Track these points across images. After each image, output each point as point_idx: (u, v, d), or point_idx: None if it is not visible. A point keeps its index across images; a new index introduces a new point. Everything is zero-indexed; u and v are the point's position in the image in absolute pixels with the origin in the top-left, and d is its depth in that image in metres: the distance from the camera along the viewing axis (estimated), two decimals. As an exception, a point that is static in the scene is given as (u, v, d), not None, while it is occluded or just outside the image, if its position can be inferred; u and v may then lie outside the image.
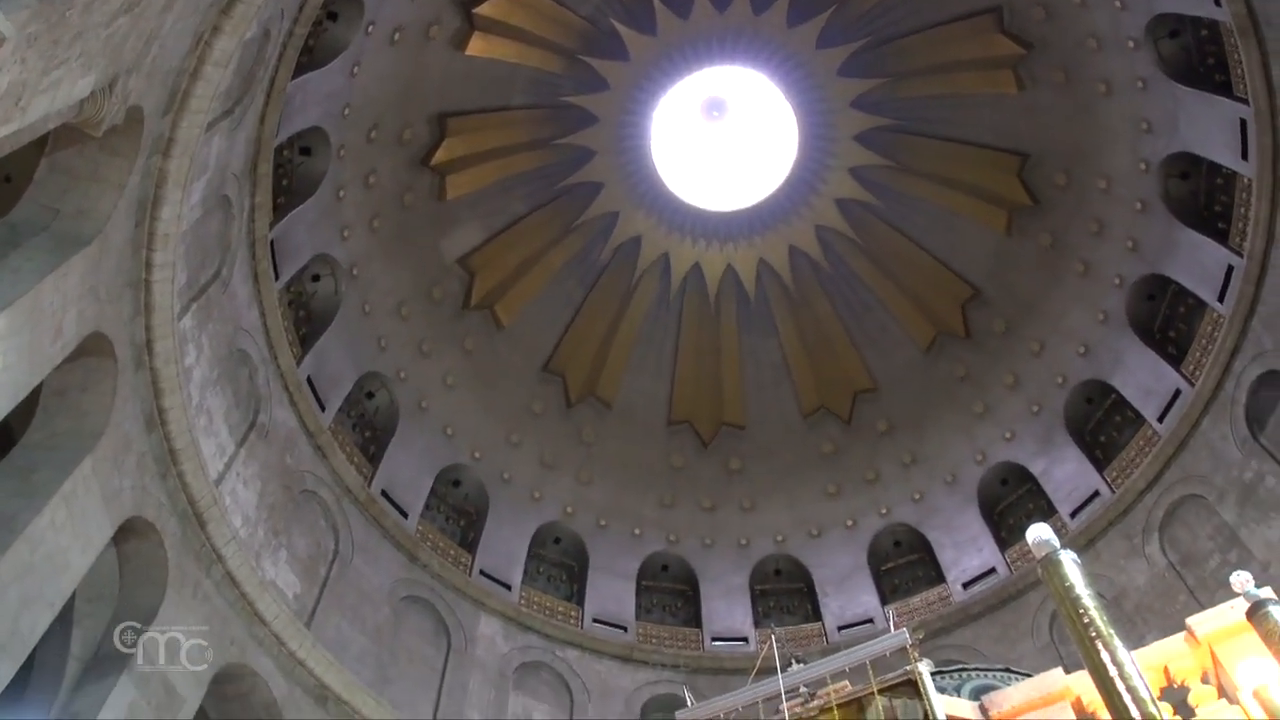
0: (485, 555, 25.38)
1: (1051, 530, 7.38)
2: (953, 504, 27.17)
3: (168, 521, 16.33)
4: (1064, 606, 6.67)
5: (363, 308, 24.43)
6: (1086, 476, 24.51)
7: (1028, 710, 8.67)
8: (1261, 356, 20.59)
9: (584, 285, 28.78)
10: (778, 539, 28.48)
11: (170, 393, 16.27)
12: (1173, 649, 8.60)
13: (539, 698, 23.87)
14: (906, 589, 26.95)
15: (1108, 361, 24.86)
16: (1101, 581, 20.93)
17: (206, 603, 17.06)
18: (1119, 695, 5.93)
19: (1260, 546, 19.70)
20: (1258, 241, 20.26)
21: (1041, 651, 21.92)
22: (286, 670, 18.55)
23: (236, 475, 18.84)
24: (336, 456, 22.56)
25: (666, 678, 24.87)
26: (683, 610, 27.80)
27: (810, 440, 29.26)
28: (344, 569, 21.63)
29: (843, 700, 8.70)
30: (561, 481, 27.93)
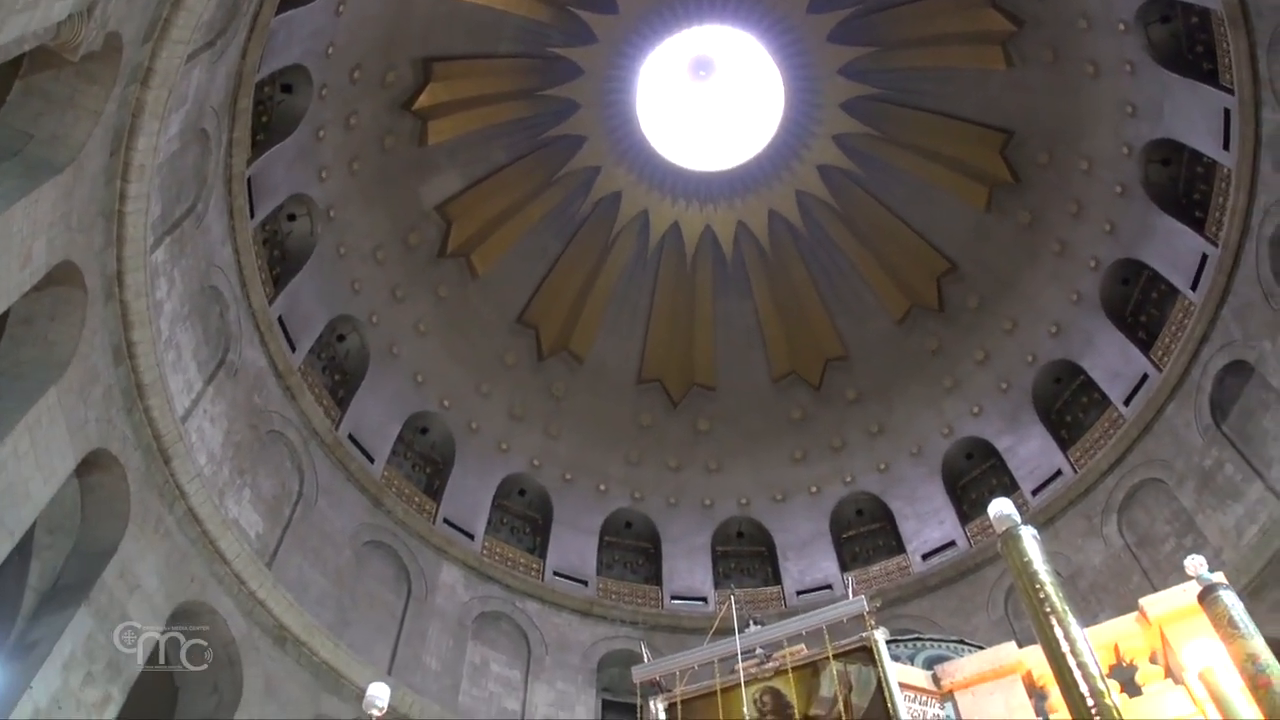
0: (449, 504, 25.42)
1: (1013, 506, 7.44)
2: (917, 475, 27.43)
3: (132, 456, 16.21)
4: (1021, 581, 6.75)
5: (338, 250, 24.23)
6: (1050, 455, 24.81)
7: (979, 681, 8.82)
8: (1229, 346, 20.80)
9: (561, 239, 28.64)
10: (742, 501, 28.68)
11: (140, 326, 16.09)
12: (1124, 628, 8.75)
13: (497, 648, 24.02)
14: (866, 557, 27.27)
15: (1078, 343, 25.07)
16: (1059, 559, 21.25)
17: (168, 539, 16.99)
18: (1069, 670, 6.02)
19: (1215, 533, 20.03)
20: (1233, 232, 20.39)
21: (995, 625, 22.27)
22: (246, 610, 18.55)
23: (203, 412, 18.72)
24: (305, 398, 22.46)
25: (625, 634, 25.09)
26: (644, 568, 27.99)
27: (779, 405, 29.40)
28: (308, 511, 21.60)
29: (798, 663, 8.80)
30: (529, 434, 27.95)
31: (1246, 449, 20.12)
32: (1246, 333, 20.34)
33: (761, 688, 8.78)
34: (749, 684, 8.73)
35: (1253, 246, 20.01)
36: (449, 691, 22.10)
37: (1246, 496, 19.71)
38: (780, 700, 8.69)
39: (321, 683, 19.49)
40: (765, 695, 8.75)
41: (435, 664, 22.42)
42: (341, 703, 19.16)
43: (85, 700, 14.45)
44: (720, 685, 8.73)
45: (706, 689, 8.81)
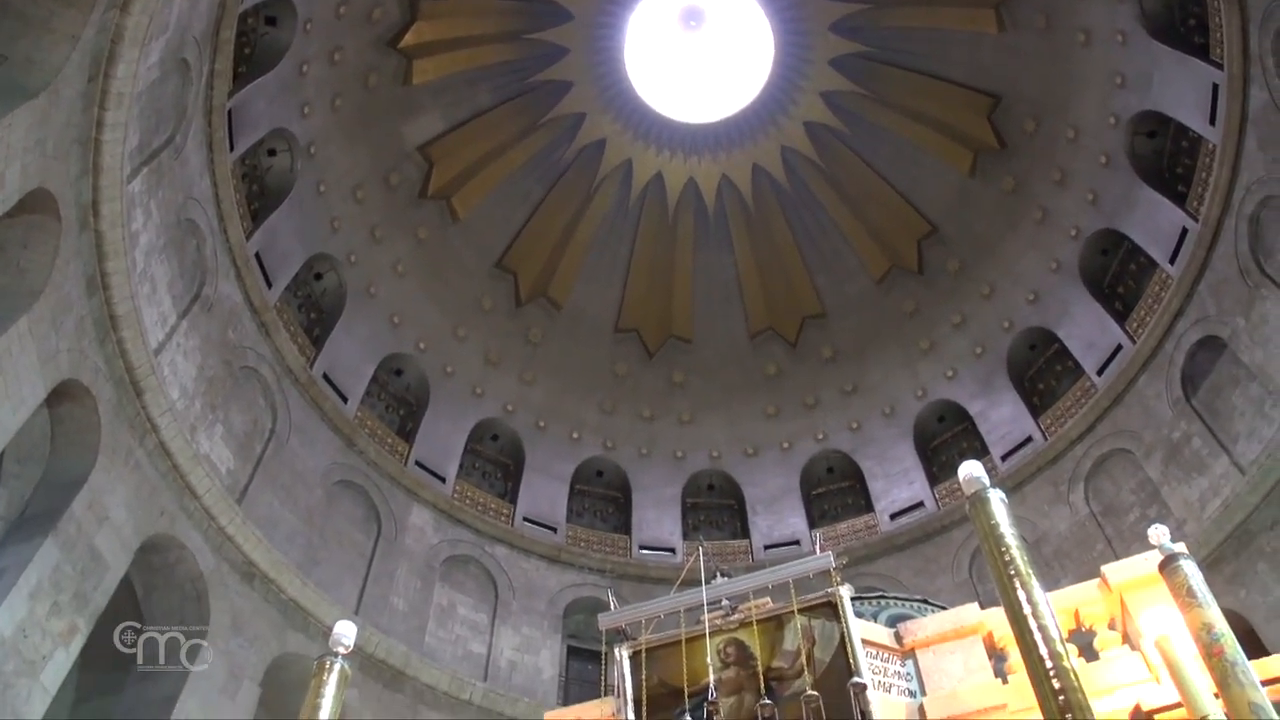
0: (422, 446, 25.43)
1: (983, 469, 7.50)
2: (888, 436, 27.62)
3: (103, 387, 16.09)
4: (987, 543, 6.82)
5: (318, 187, 23.97)
6: (1021, 421, 25.02)
7: (940, 641, 8.93)
8: (1204, 321, 20.95)
9: (543, 185, 28.42)
10: (713, 454, 28.82)
11: (114, 257, 15.91)
12: (1085, 594, 8.87)
13: (465, 591, 24.16)
14: (835, 515, 27.52)
15: (1055, 311, 25.20)
16: (1025, 524, 21.48)
17: (137, 471, 16.93)
18: (1030, 633, 6.11)
19: (1179, 505, 20.31)
20: (1214, 208, 20.46)
21: (959, 587, 22.56)
22: (215, 545, 18.56)
23: (177, 346, 18.59)
24: (280, 335, 22.33)
25: (592, 581, 25.28)
26: (613, 517, 28.15)
27: (755, 360, 29.48)
28: (279, 449, 21.56)
29: (763, 616, 8.87)
30: (504, 379, 27.93)
31: (1214, 424, 20.35)
32: (1221, 308, 20.48)
33: (726, 639, 8.85)
34: (714, 635, 8.80)
35: (1232, 223, 20.10)
36: (415, 633, 22.23)
37: (1212, 470, 19.97)
38: (744, 652, 8.77)
39: (288, 620, 19.57)
40: (729, 647, 8.83)
41: (402, 605, 22.53)
42: (308, 640, 19.25)
43: (51, 630, 14.46)
44: (685, 635, 8.79)
45: (671, 638, 8.87)
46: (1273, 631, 16.97)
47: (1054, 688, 5.77)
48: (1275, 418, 18.77)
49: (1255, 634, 16.95)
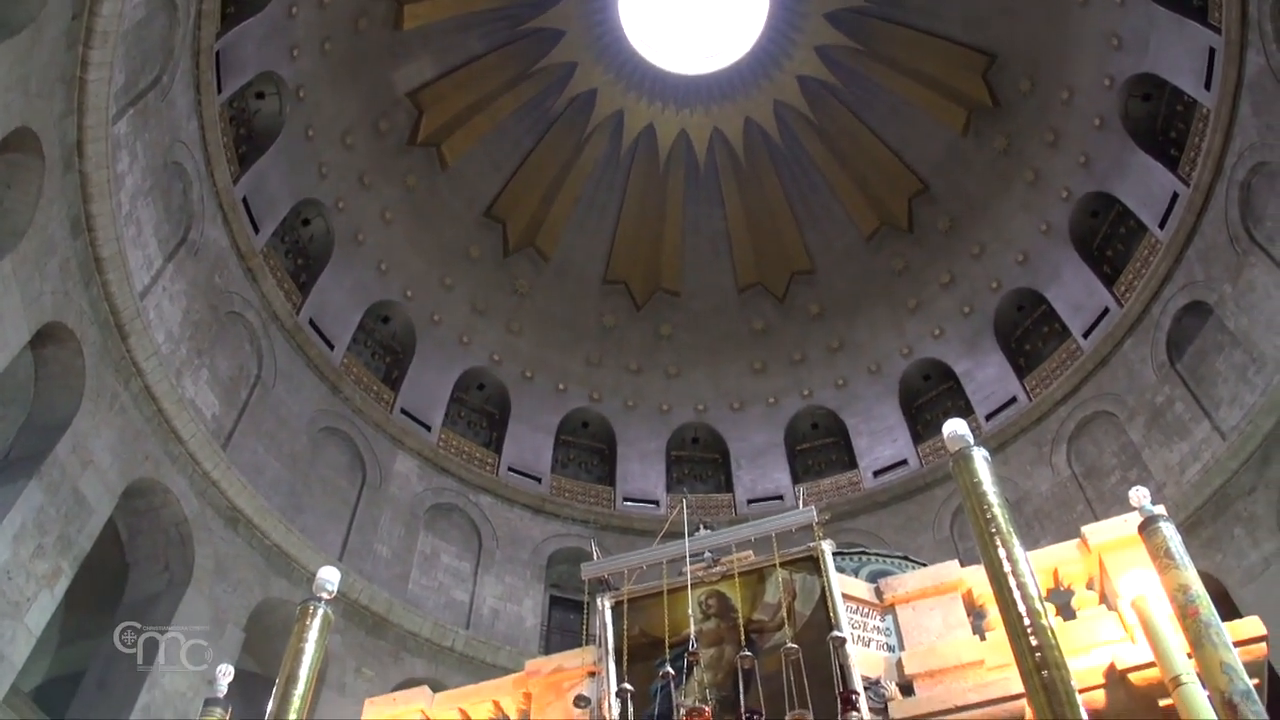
0: (408, 394, 25.43)
1: (967, 427, 7.52)
2: (873, 393, 27.71)
3: (88, 330, 16.00)
4: (969, 501, 6.85)
5: (306, 132, 23.72)
6: (1006, 382, 25.12)
7: (920, 597, 9.00)
8: (1190, 286, 21.01)
9: (534, 134, 28.19)
10: (699, 408, 28.89)
11: (99, 198, 15.76)
12: (1065, 554, 8.94)
13: (448, 539, 24.27)
14: (818, 471, 27.66)
15: (1044, 272, 25.21)
16: (1007, 485, 21.62)
17: (122, 415, 16.88)
18: (1009, 590, 6.16)
19: (1160, 468, 20.48)
20: (1205, 173, 20.43)
21: (940, 545, 22.74)
22: (199, 490, 18.57)
23: (162, 290, 18.48)
24: (266, 281, 22.22)
25: (575, 532, 25.41)
26: (598, 468, 28.25)
27: (742, 315, 29.47)
28: (265, 394, 21.53)
29: (745, 569, 8.92)
30: (491, 329, 27.87)
31: (1198, 389, 20.47)
32: (1209, 274, 20.53)
33: (708, 591, 8.91)
34: (695, 587, 8.85)
35: (1223, 189, 20.08)
36: (399, 580, 22.35)
37: (1193, 435, 20.12)
38: (725, 604, 8.83)
39: (272, 565, 19.64)
40: (711, 599, 8.89)
41: (386, 552, 22.64)
42: (291, 586, 19.33)
43: (35, 572, 14.48)
44: (667, 586, 8.84)
45: (654, 589, 8.92)
46: (1246, 595, 17.18)
47: (1031, 645, 5.83)
48: (1258, 384, 18.88)
49: (1229, 597, 17.17)
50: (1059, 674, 5.67)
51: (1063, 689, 5.60)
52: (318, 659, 7.21)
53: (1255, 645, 7.55)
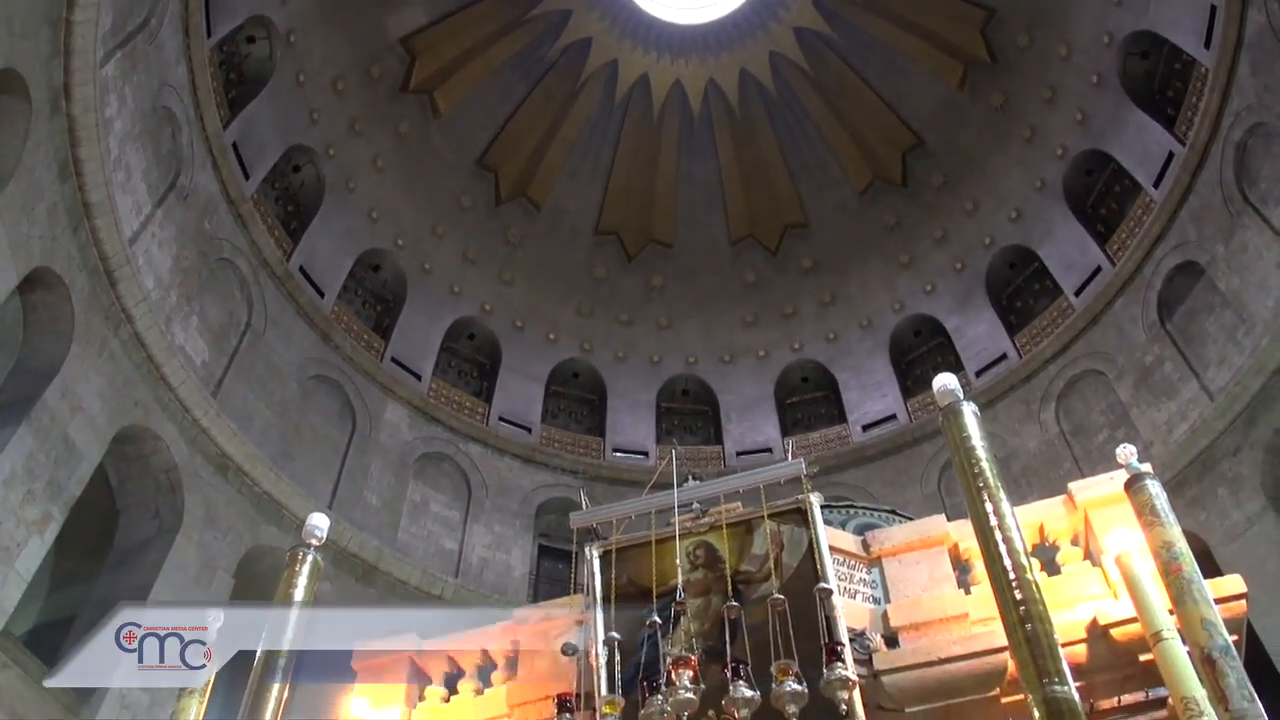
0: (398, 343, 25.40)
1: (958, 381, 7.52)
2: (864, 348, 27.75)
3: (76, 276, 15.91)
4: (958, 455, 6.88)
5: (297, 77, 23.45)
6: (997, 339, 25.18)
7: (907, 550, 9.06)
8: (1183, 247, 21.01)
9: (527, 83, 27.88)
10: (689, 360, 28.92)
11: (87, 143, 15.60)
12: (1051, 510, 9.00)
13: (438, 488, 24.36)
14: (808, 424, 27.76)
15: (1037, 230, 25.17)
16: (995, 441, 21.47)
17: (112, 361, 16.83)
18: (995, 544, 6.20)
19: (1147, 427, 20.61)
20: (1202, 133, 20.36)
21: (927, 500, 22.89)
22: (189, 437, 18.56)
23: (152, 236, 18.35)
24: (257, 227, 22.09)
25: (565, 482, 25.51)
26: (588, 419, 28.31)
27: (734, 267, 29.39)
28: (255, 342, 21.48)
29: (733, 520, 8.94)
30: (482, 278, 27.77)
31: (1187, 349, 20.56)
32: (1202, 234, 20.52)
33: (696, 541, 8.94)
34: (684, 537, 8.88)
35: (1219, 149, 20.02)
36: (388, 528, 22.45)
37: (1181, 395, 20.24)
38: (713, 555, 8.87)
39: (262, 512, 19.70)
40: (699, 549, 8.92)
41: (376, 500, 22.72)
42: (281, 533, 19.39)
43: (25, 518, 14.50)
44: (655, 537, 8.88)
45: (642, 539, 8.95)
46: (1228, 554, 17.38)
47: (1015, 598, 5.88)
48: (1247, 345, 18.96)
49: (1211, 555, 17.35)
50: (1042, 627, 5.73)
51: (1046, 642, 5.67)
52: (307, 604, 7.24)
53: (1235, 603, 7.63)
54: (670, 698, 6.75)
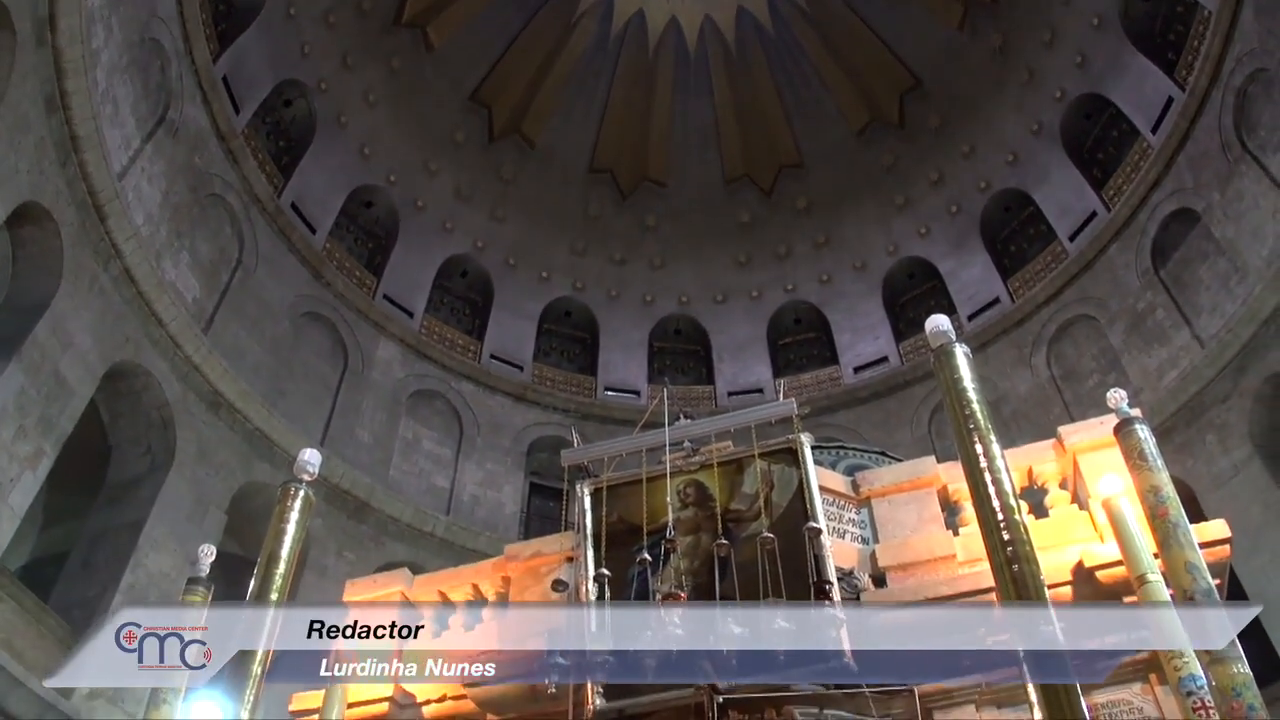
0: (390, 280, 25.31)
1: (950, 323, 7.51)
2: (857, 290, 27.71)
3: (65, 210, 15.77)
4: (949, 396, 6.89)
5: (287, 9, 23.04)
6: (990, 283, 25.16)
7: (896, 491, 9.11)
8: (1179, 193, 20.94)
9: (521, 16, 27.45)
10: (682, 299, 28.86)
11: (74, 75, 15.39)
12: (1040, 454, 9.04)
13: (430, 426, 24.41)
14: (800, 365, 27.79)
15: (1033, 174, 25.03)
16: (986, 384, 21.51)
17: (102, 297, 16.75)
18: (984, 485, 6.23)
19: (1138, 373, 20.68)
20: (1202, 78, 20.19)
21: (917, 442, 22.96)
22: (181, 373, 18.52)
23: (141, 171, 18.18)
24: (248, 163, 21.89)
25: (556, 420, 25.56)
26: (580, 357, 28.31)
27: (728, 207, 29.20)
28: (246, 278, 21.38)
29: (724, 459, 8.98)
30: (475, 215, 27.57)
31: (1180, 296, 20.58)
32: (1198, 181, 20.44)
33: (686, 480, 8.98)
34: (674, 475, 8.91)
35: (1219, 95, 19.86)
36: (380, 465, 22.53)
37: (1172, 342, 20.29)
38: (703, 493, 8.92)
39: (254, 449, 19.73)
40: (689, 487, 8.97)
41: (368, 437, 22.77)
42: (274, 469, 19.42)
43: (17, 454, 14.52)
44: (646, 475, 8.91)
45: (632, 477, 8.99)
46: (1214, 500, 17.52)
47: (1003, 539, 5.93)
48: (1239, 293, 18.97)
49: (1197, 502, 17.49)
50: (1029, 568, 5.78)
51: (1032, 583, 5.72)
52: (299, 539, 7.28)
53: (1219, 547, 7.70)
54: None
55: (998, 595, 6.13)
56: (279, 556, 7.07)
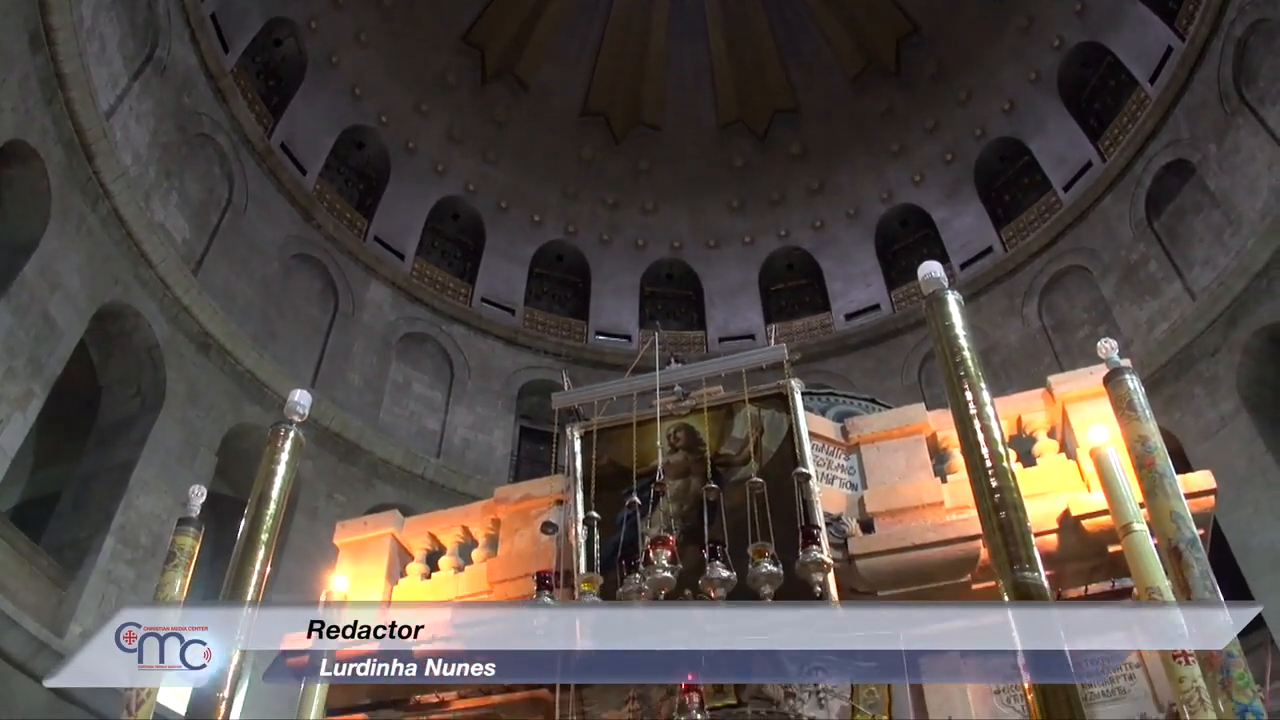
0: (381, 222, 25.19)
1: (943, 270, 7.48)
2: (850, 237, 27.64)
3: (52, 149, 15.61)
4: (940, 343, 6.86)
5: (276, -56, 22.75)
6: (983, 232, 25.11)
7: (885, 438, 9.12)
8: (1175, 144, 20.86)
9: (515, -44, 27.11)
10: (675, 244, 28.77)
11: (58, 10, 15.16)
12: (1029, 402, 9.06)
13: (420, 369, 24.42)
14: (791, 312, 27.78)
15: (1029, 123, 24.88)
16: (977, 333, 21.60)
17: (90, 238, 16.63)
18: (973, 432, 6.22)
19: (1128, 325, 20.73)
20: (1202, 28, 20.03)
21: (907, 390, 23.04)
22: (170, 315, 18.45)
23: (129, 110, 17.97)
24: (237, 102, 21.66)
25: (547, 364, 25.58)
26: (571, 301, 28.27)
27: (722, 152, 28.99)
28: (236, 219, 21.25)
29: (714, 404, 8.98)
30: (467, 158, 27.36)
31: (1173, 248, 20.58)
32: (1195, 133, 20.35)
33: (676, 424, 8.97)
34: (664, 420, 8.90)
35: (1219, 45, 19.71)
36: (371, 408, 22.56)
37: (1164, 294, 20.32)
38: (694, 437, 8.92)
39: (244, 391, 19.73)
40: (679, 431, 8.96)
41: (358, 380, 22.78)
42: (264, 412, 19.42)
43: (7, 395, 14.50)
44: (637, 418, 8.91)
45: (623, 420, 8.98)
46: (1200, 452, 17.64)
47: (991, 486, 5.93)
48: (1232, 246, 18.97)
49: (1184, 454, 17.60)
50: (1016, 515, 5.80)
51: (1019, 530, 5.73)
52: (289, 480, 7.27)
53: (1204, 498, 7.74)
54: (648, 577, 6.85)
55: (984, 542, 6.17)
56: (269, 497, 7.06)
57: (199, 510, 7.84)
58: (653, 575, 6.83)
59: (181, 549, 7.55)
